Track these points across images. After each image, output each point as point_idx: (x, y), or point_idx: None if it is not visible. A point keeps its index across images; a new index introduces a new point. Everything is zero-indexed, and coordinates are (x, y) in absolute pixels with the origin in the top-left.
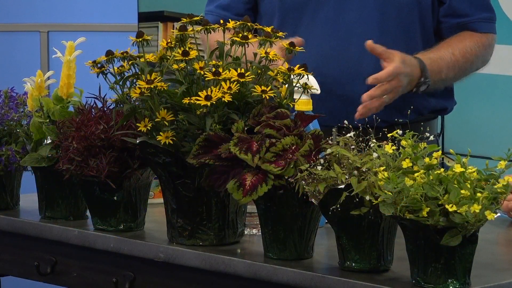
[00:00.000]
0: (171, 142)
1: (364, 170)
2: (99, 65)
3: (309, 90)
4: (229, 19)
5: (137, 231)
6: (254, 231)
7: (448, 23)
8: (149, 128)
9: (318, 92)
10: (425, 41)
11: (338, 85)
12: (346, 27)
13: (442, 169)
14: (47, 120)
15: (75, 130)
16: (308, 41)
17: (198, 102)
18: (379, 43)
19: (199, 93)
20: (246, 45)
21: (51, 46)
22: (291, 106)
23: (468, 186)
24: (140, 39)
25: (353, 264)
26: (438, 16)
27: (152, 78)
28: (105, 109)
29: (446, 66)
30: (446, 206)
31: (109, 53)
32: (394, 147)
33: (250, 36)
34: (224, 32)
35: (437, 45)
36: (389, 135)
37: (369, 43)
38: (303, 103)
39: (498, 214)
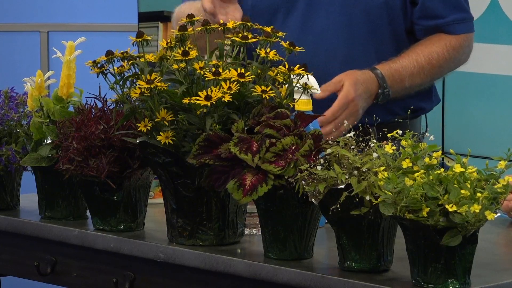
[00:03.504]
0: (171, 142)
1: (364, 170)
2: (99, 65)
3: (309, 90)
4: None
5: (137, 231)
6: (254, 231)
7: (422, 25)
8: (149, 128)
9: (318, 92)
10: (396, 44)
11: None
12: (314, 34)
13: (442, 169)
14: (47, 120)
15: (75, 130)
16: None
17: (198, 102)
18: (347, 48)
19: (199, 93)
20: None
21: (51, 46)
22: (291, 106)
23: (468, 186)
24: (140, 39)
25: (353, 264)
26: (412, 18)
27: (152, 78)
28: (105, 109)
29: (409, 74)
30: (446, 206)
31: (109, 53)
32: (394, 147)
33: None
34: (224, 33)
35: (402, 53)
36: (389, 135)
37: (317, 96)
38: (303, 103)
39: (498, 214)
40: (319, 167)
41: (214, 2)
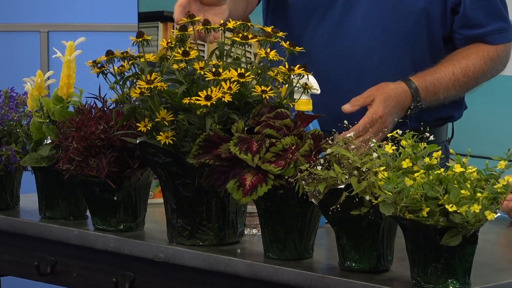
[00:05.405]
0: (171, 142)
1: (364, 170)
2: (99, 65)
3: (309, 90)
4: None
5: (137, 231)
6: (254, 231)
7: (462, 34)
8: (149, 128)
9: (318, 92)
10: (432, 50)
11: (340, 91)
12: (350, 35)
13: (442, 169)
14: (47, 120)
15: (75, 130)
16: (312, 45)
17: (198, 102)
18: (382, 51)
19: (199, 93)
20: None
21: (51, 46)
22: (291, 106)
23: (468, 186)
24: (140, 39)
25: (353, 264)
26: (452, 27)
27: (152, 78)
28: (105, 109)
29: (444, 87)
30: (446, 206)
31: (109, 53)
32: (394, 147)
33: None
34: (224, 33)
35: (438, 63)
36: (389, 135)
37: (346, 109)
38: (303, 103)
39: (498, 214)
40: (319, 167)
41: (192, 6)
